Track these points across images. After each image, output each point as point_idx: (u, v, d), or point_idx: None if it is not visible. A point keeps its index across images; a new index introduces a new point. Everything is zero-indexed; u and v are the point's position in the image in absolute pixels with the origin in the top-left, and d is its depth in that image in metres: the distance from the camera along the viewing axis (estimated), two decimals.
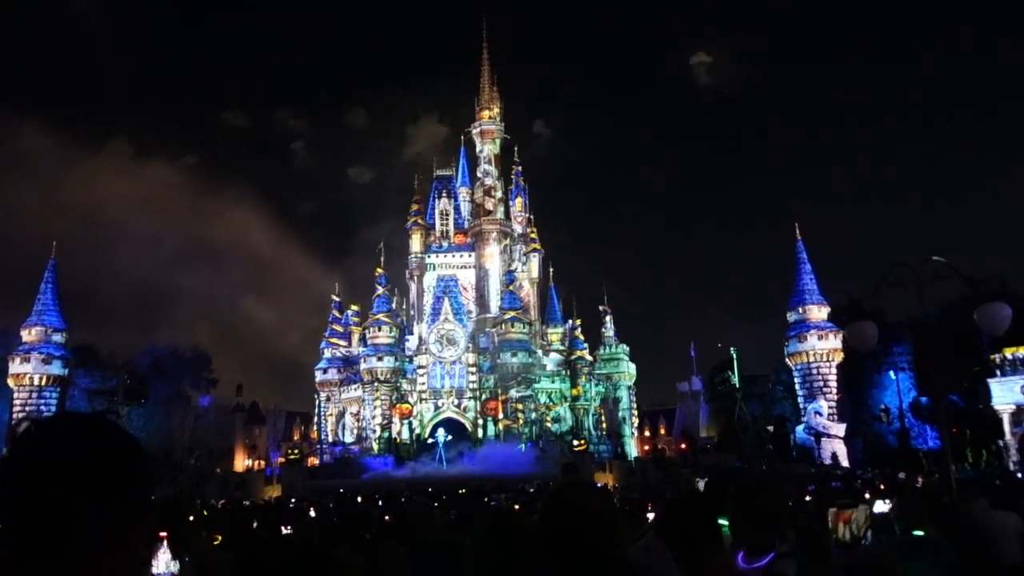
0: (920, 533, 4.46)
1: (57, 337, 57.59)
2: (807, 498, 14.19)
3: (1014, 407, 41.71)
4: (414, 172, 72.68)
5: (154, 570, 2.34)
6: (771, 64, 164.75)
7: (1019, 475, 27.25)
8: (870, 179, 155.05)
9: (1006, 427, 42.04)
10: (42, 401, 55.60)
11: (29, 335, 56.85)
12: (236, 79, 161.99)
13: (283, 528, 5.92)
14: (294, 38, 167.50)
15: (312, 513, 14.73)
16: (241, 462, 66.01)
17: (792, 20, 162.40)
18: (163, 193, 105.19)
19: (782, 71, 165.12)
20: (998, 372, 42.13)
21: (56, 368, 56.43)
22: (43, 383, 55.81)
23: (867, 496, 12.87)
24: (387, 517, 7.65)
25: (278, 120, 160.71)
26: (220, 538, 5.09)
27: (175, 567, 2.38)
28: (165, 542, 2.44)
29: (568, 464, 10.79)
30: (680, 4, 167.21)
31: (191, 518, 5.07)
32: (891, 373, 53.19)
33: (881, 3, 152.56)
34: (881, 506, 5.78)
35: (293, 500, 26.39)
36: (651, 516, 6.11)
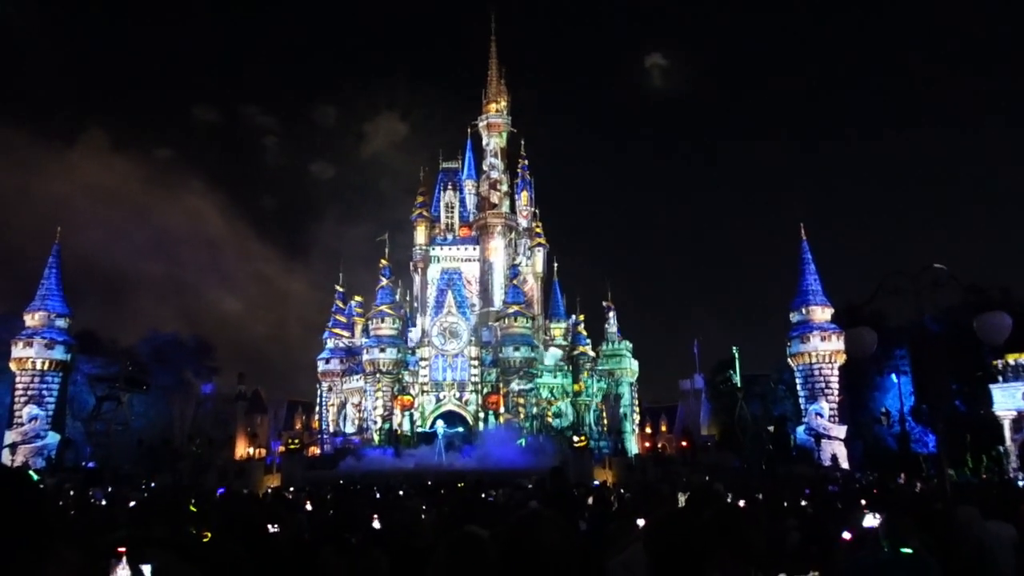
0: (908, 551, 4.39)
1: (60, 322, 57.75)
2: (803, 503, 14.11)
3: (1015, 413, 41.53)
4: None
5: None
6: (776, 68, 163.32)
7: (1019, 482, 27.14)
8: (878, 181, 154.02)
9: (1007, 433, 41.89)
10: (44, 386, 55.81)
11: (32, 320, 57.01)
12: (209, 75, 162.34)
13: (270, 526, 5.83)
14: (267, 36, 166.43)
15: (308, 506, 14.77)
16: (242, 450, 66.13)
17: (791, 24, 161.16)
18: (134, 185, 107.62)
19: (789, 74, 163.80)
20: (1000, 378, 41.93)
21: (58, 353, 56.60)
22: (45, 368, 55.97)
23: (863, 503, 12.82)
24: (376, 519, 7.64)
25: (247, 116, 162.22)
26: (208, 535, 5.02)
27: None
28: (124, 558, 2.41)
29: (556, 468, 10.69)
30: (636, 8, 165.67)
31: (180, 511, 5.00)
32: (893, 376, 53.09)
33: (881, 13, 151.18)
34: (871, 520, 5.70)
35: (291, 490, 26.56)
36: (641, 522, 6.05)
